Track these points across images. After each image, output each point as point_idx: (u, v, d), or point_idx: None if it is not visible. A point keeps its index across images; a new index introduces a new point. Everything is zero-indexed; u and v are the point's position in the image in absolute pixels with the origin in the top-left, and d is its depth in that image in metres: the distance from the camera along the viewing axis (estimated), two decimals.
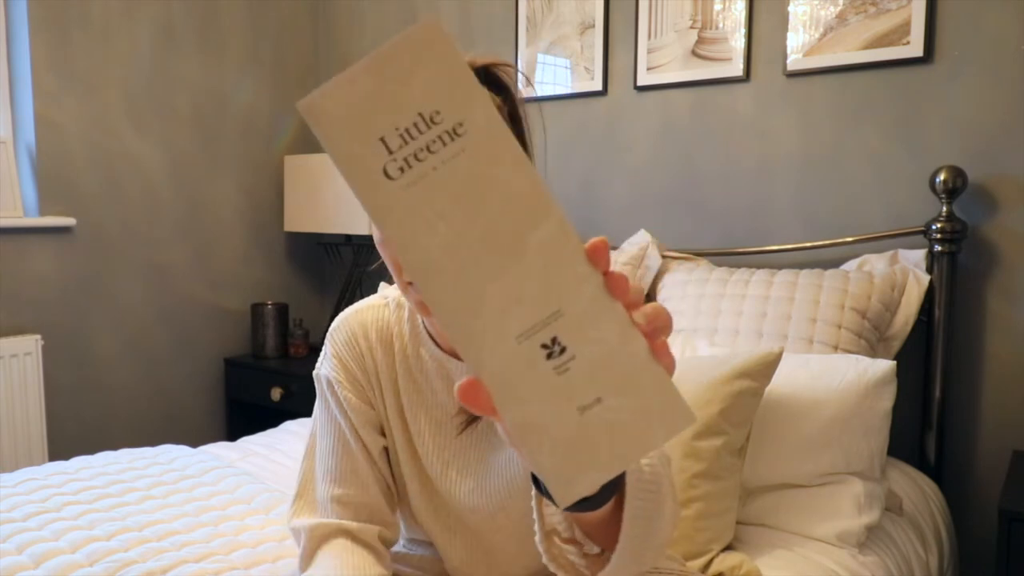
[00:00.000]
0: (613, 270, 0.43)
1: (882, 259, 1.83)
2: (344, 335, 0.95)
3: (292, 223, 2.78)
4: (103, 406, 2.48)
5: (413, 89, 0.41)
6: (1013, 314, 1.77)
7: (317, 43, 3.03)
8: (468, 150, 0.41)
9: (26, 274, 2.28)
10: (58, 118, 2.33)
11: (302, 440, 1.96)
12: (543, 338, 0.42)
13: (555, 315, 0.42)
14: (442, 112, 0.41)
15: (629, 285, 0.43)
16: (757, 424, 1.44)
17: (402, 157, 0.41)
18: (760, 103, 2.06)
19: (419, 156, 0.41)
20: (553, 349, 0.42)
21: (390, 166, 0.41)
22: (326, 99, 0.41)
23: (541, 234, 0.42)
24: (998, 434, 1.80)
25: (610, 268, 0.43)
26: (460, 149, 0.41)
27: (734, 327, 1.76)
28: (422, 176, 0.41)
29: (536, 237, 0.42)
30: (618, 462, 0.44)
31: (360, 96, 0.41)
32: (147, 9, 2.51)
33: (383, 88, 0.41)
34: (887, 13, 1.84)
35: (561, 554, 0.69)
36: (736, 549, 1.34)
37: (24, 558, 1.22)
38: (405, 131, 0.41)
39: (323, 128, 0.41)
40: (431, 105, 0.41)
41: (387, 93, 0.41)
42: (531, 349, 0.42)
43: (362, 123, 0.41)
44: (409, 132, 0.41)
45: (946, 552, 1.64)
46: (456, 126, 0.41)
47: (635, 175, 2.27)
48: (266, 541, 1.30)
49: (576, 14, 2.32)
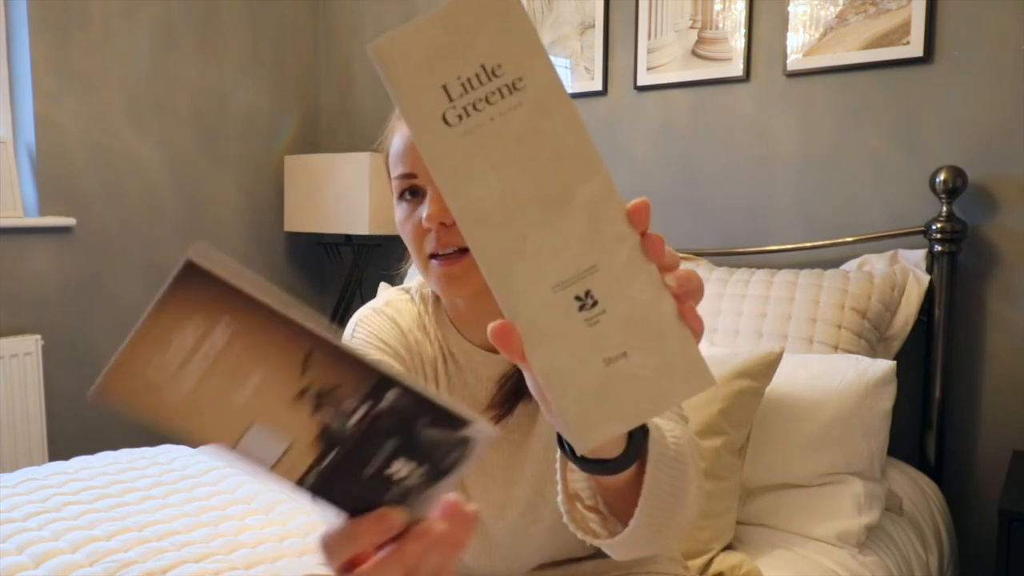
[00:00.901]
0: (651, 232, 0.45)
1: (882, 259, 1.83)
2: (378, 322, 0.92)
3: (292, 223, 2.78)
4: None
5: (479, 42, 0.42)
6: (1013, 314, 1.77)
7: (317, 43, 3.03)
8: (525, 104, 0.43)
9: (26, 274, 2.28)
10: (58, 118, 2.33)
11: None
12: (577, 290, 0.44)
13: (591, 269, 0.44)
14: (504, 66, 0.42)
15: (665, 248, 0.45)
16: (757, 424, 1.44)
17: (461, 106, 0.42)
18: (760, 103, 2.06)
19: (478, 106, 0.42)
20: (586, 302, 0.44)
21: (449, 113, 0.42)
22: (395, 43, 0.42)
23: (587, 191, 0.44)
24: (998, 434, 1.80)
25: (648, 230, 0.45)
26: (518, 103, 0.43)
27: (734, 327, 1.76)
28: (479, 125, 0.43)
29: (582, 193, 0.44)
30: (637, 415, 0.46)
31: (427, 44, 0.42)
32: (147, 9, 2.51)
33: (450, 38, 0.42)
34: (887, 13, 1.84)
35: (582, 518, 0.69)
36: (736, 549, 1.34)
37: (24, 558, 1.22)
38: (467, 80, 0.42)
39: (389, 71, 0.42)
40: (494, 58, 0.42)
41: (454, 43, 0.42)
42: (565, 299, 0.44)
43: (426, 70, 0.42)
44: (471, 82, 0.42)
45: (946, 552, 1.64)
46: (516, 80, 0.42)
47: (635, 175, 2.27)
48: (266, 541, 1.30)
49: (576, 14, 2.32)
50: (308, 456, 0.41)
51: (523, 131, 0.43)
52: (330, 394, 0.40)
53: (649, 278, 0.44)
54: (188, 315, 0.38)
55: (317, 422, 0.41)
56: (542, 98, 0.43)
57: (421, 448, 0.42)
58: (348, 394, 0.40)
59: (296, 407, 0.40)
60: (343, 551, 0.44)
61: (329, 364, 0.40)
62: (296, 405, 0.40)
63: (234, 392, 0.39)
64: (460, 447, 0.43)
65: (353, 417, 0.41)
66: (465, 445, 0.43)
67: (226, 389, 0.39)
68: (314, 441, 0.41)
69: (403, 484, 0.43)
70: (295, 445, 0.41)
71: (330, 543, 0.45)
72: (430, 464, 0.43)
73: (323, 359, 0.39)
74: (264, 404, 0.40)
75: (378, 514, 0.44)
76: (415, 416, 0.42)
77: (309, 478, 0.42)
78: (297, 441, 0.41)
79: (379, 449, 0.42)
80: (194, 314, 0.38)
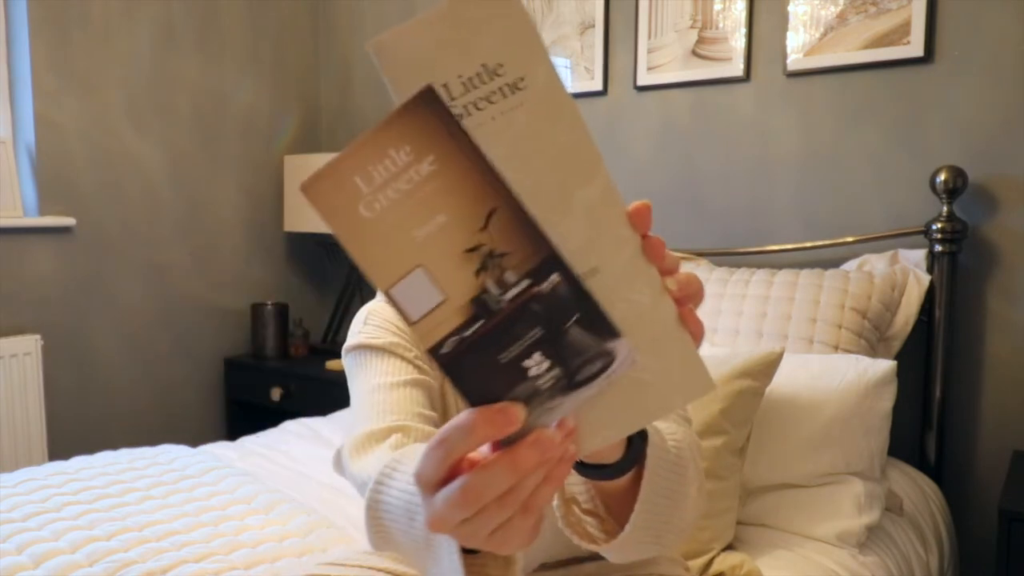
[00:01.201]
0: (652, 235, 0.44)
1: (882, 259, 1.83)
2: (391, 311, 0.92)
3: (292, 223, 2.78)
4: (103, 406, 2.48)
5: (480, 40, 0.42)
6: (1013, 314, 1.77)
7: (317, 43, 3.03)
8: (527, 104, 0.42)
9: (26, 274, 2.28)
10: (58, 118, 2.33)
11: (302, 440, 1.96)
12: None
13: (592, 272, 0.44)
14: (505, 65, 0.42)
15: (666, 251, 0.44)
16: (757, 424, 1.44)
17: (462, 104, 0.42)
18: (760, 103, 2.06)
19: (479, 105, 0.42)
20: None
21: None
22: (395, 41, 0.42)
23: (587, 193, 0.43)
24: (998, 434, 1.80)
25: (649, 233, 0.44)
26: (519, 103, 0.42)
27: (734, 327, 1.76)
28: (479, 125, 0.42)
29: (582, 195, 0.43)
30: (636, 420, 0.45)
31: (429, 41, 0.42)
32: (147, 9, 2.51)
33: (451, 36, 0.42)
34: (887, 13, 1.84)
35: (578, 522, 0.69)
36: (736, 549, 1.34)
37: (24, 558, 1.22)
38: (468, 80, 0.42)
39: (388, 68, 0.42)
40: (496, 57, 0.42)
41: (455, 41, 0.42)
42: None
43: (426, 68, 0.42)
44: (472, 81, 0.42)
45: (946, 552, 1.64)
46: (518, 80, 0.42)
47: (635, 175, 2.27)
48: (266, 541, 1.30)
49: (576, 14, 2.32)
50: (455, 319, 0.41)
51: (524, 132, 0.43)
52: (498, 259, 0.40)
53: (649, 281, 0.44)
54: (408, 137, 0.39)
55: (476, 285, 0.41)
56: (544, 99, 0.42)
57: (563, 348, 0.42)
58: (513, 264, 0.40)
59: (463, 262, 0.40)
60: (454, 448, 0.42)
61: (509, 227, 0.40)
62: (464, 260, 0.40)
63: (417, 227, 0.40)
64: (600, 360, 0.42)
65: (510, 291, 0.41)
66: (605, 359, 0.42)
67: (411, 221, 0.40)
68: (466, 305, 0.41)
69: (533, 383, 0.42)
70: (447, 303, 0.41)
71: (441, 441, 0.42)
72: (565, 369, 0.42)
73: (505, 220, 0.40)
74: (437, 247, 0.40)
75: (500, 406, 0.42)
76: (569, 310, 0.41)
77: (447, 344, 0.41)
78: (450, 300, 0.41)
79: (524, 334, 0.41)
80: (414, 138, 0.39)
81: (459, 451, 0.42)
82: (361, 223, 0.40)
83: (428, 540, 0.56)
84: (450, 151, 0.39)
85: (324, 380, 2.51)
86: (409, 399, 0.85)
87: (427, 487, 0.43)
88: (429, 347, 0.41)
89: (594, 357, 0.42)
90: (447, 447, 0.42)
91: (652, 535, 0.66)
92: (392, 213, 0.40)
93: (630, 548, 0.67)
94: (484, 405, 0.42)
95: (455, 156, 0.39)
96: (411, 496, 0.60)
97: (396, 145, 0.39)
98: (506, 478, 0.41)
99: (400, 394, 0.86)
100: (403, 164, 0.39)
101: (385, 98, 2.83)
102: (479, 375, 0.42)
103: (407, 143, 0.39)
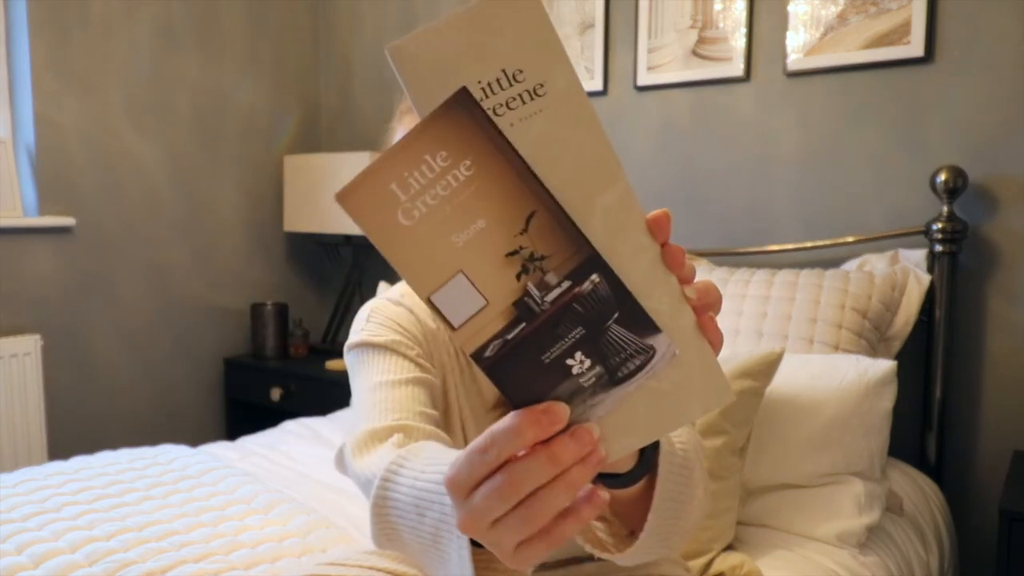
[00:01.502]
0: (671, 243, 0.44)
1: (882, 259, 1.83)
2: (395, 310, 0.92)
3: (292, 223, 2.78)
4: (103, 406, 2.48)
5: (501, 46, 0.42)
6: (1013, 314, 1.77)
7: (317, 43, 3.03)
8: (546, 110, 0.42)
9: (26, 274, 2.28)
10: (58, 118, 2.33)
11: (302, 440, 1.96)
12: None
13: None
14: (525, 71, 0.42)
15: (685, 260, 0.44)
16: (758, 424, 1.44)
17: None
18: (760, 103, 2.06)
19: (498, 111, 0.42)
20: None
21: None
22: (415, 45, 0.42)
23: (607, 200, 0.43)
24: (998, 434, 1.80)
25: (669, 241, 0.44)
26: (538, 108, 0.42)
27: (734, 327, 1.75)
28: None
29: (602, 202, 0.43)
30: (654, 430, 0.45)
31: (448, 46, 0.42)
32: (147, 9, 2.51)
33: (471, 41, 0.42)
34: (887, 13, 1.84)
35: (589, 528, 0.69)
36: (737, 549, 1.34)
37: (24, 558, 1.22)
38: (488, 85, 0.42)
39: (407, 73, 0.42)
40: (516, 63, 0.42)
41: (475, 46, 0.42)
42: None
43: (446, 73, 0.42)
44: (491, 86, 0.42)
45: (946, 552, 1.64)
46: (537, 86, 0.42)
47: (635, 175, 2.27)
48: (265, 541, 1.30)
49: (576, 14, 2.32)
50: (497, 323, 0.41)
51: (543, 137, 0.42)
52: (539, 262, 0.41)
53: (669, 290, 0.44)
54: (444, 142, 0.39)
55: (517, 289, 0.41)
56: (564, 104, 0.42)
57: (604, 346, 0.42)
58: (554, 266, 0.41)
59: (504, 267, 0.41)
60: (503, 451, 0.42)
61: (548, 230, 0.40)
62: (505, 264, 0.41)
63: (456, 232, 0.40)
64: (641, 356, 0.43)
65: (552, 293, 0.41)
66: (646, 355, 0.43)
67: (451, 227, 0.40)
68: (508, 309, 0.41)
69: (575, 381, 0.43)
70: (489, 308, 0.41)
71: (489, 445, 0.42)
72: (607, 366, 0.43)
73: (544, 223, 0.40)
74: (478, 253, 0.40)
75: (545, 406, 0.42)
76: (610, 308, 0.42)
77: (490, 348, 0.42)
78: (492, 304, 0.41)
79: (566, 334, 0.42)
80: (449, 142, 0.39)
81: (507, 453, 0.42)
82: (400, 231, 0.40)
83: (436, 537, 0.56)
84: (487, 152, 0.39)
85: (324, 380, 2.51)
86: (411, 397, 0.86)
87: (461, 491, 0.44)
88: (472, 352, 0.42)
89: (634, 353, 0.43)
90: (496, 450, 0.42)
91: (661, 538, 0.67)
92: (431, 220, 0.40)
93: (640, 553, 0.67)
94: (527, 406, 0.42)
95: (493, 158, 0.39)
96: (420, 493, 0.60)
97: (432, 150, 0.39)
98: (546, 469, 0.42)
99: (402, 392, 0.86)
100: (440, 169, 0.39)
101: (386, 98, 2.82)
102: (522, 377, 0.42)
103: (443, 147, 0.39)
